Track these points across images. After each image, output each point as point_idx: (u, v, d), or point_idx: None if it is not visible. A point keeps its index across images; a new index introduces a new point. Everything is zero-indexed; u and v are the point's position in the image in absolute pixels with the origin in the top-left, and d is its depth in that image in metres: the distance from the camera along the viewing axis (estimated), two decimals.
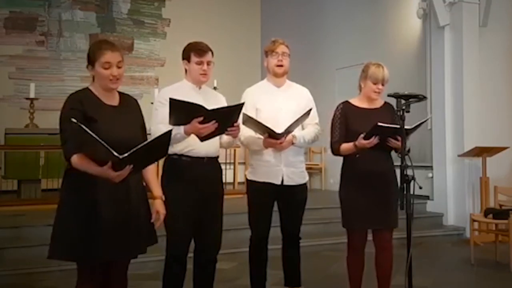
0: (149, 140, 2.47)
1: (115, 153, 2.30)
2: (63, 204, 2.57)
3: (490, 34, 6.92)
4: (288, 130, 3.34)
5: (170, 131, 2.49)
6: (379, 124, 3.19)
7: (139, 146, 2.35)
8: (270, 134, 3.33)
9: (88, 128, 2.33)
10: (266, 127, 3.28)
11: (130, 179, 2.53)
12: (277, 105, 3.51)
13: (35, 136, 7.27)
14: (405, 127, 3.16)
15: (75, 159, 2.48)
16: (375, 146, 3.28)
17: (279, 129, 3.31)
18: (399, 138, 3.22)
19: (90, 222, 2.50)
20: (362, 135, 3.27)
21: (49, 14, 9.53)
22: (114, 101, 2.67)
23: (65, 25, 9.64)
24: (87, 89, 2.65)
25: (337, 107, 3.56)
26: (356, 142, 3.32)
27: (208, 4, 10.45)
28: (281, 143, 3.35)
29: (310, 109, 3.44)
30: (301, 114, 3.37)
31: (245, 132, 3.39)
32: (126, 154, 2.32)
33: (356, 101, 3.55)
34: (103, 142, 2.29)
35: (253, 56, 10.41)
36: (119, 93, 2.72)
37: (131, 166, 2.41)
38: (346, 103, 3.55)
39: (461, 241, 6.33)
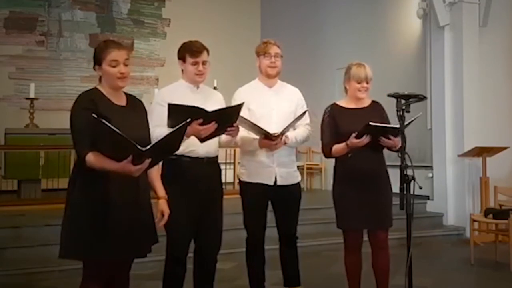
0: (168, 132, 2.49)
1: (139, 146, 2.32)
2: (75, 203, 2.53)
3: (490, 34, 6.92)
4: (283, 132, 3.35)
5: (187, 122, 2.55)
6: (371, 123, 3.18)
7: (160, 139, 2.40)
8: (266, 135, 3.35)
9: (100, 127, 2.33)
10: (262, 129, 3.30)
11: (139, 178, 2.54)
12: (269, 105, 3.53)
13: (35, 136, 7.29)
14: (395, 125, 3.17)
15: (90, 157, 2.44)
16: (366, 145, 3.28)
17: (271, 130, 3.34)
18: (390, 137, 3.23)
19: (101, 221, 2.49)
20: (354, 134, 3.27)
21: (49, 14, 9.54)
22: (122, 101, 2.67)
23: (65, 25, 9.65)
24: (96, 89, 2.64)
25: (325, 111, 3.57)
26: (348, 142, 3.31)
27: (208, 4, 10.45)
28: (276, 143, 3.37)
29: (306, 111, 3.45)
30: (296, 116, 3.42)
31: (240, 132, 3.39)
32: (148, 147, 2.36)
33: (343, 103, 3.57)
34: (125, 136, 2.29)
35: (253, 56, 10.28)
36: (125, 94, 2.73)
37: (150, 159, 2.43)
38: (334, 105, 3.57)
39: (461, 241, 6.33)
